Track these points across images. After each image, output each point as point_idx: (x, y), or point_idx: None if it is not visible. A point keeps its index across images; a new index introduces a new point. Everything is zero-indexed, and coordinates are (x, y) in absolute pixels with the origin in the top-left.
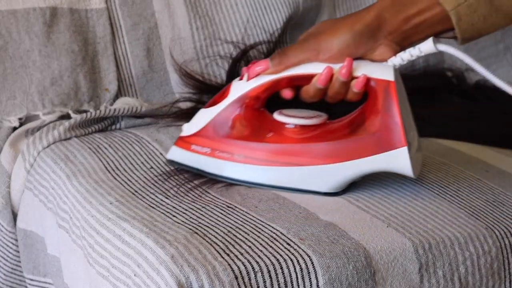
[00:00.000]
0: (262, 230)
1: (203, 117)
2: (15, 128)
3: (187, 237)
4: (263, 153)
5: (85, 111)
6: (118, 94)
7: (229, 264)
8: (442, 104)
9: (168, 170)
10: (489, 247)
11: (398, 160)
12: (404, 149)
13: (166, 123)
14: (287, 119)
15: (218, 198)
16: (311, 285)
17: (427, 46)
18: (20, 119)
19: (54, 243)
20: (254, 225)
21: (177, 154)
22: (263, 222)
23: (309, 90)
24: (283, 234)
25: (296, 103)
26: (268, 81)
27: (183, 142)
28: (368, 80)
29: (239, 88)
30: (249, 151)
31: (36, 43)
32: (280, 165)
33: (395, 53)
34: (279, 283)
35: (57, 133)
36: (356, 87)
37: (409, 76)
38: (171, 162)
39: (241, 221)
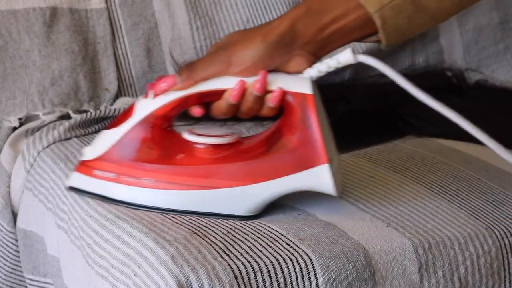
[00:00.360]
0: (261, 231)
1: (106, 139)
2: (15, 128)
3: (186, 237)
4: (173, 176)
5: (85, 111)
6: (118, 94)
7: (228, 264)
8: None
9: None
10: (489, 247)
11: (320, 178)
12: (326, 166)
13: None
14: (198, 138)
15: None
16: (310, 285)
17: (346, 57)
18: (20, 119)
19: (53, 243)
20: (253, 226)
21: (79, 181)
22: (262, 223)
23: (220, 106)
24: (282, 234)
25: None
26: (176, 99)
27: (85, 167)
28: (284, 93)
29: (144, 107)
30: (158, 175)
31: (36, 43)
32: (193, 188)
33: (311, 64)
34: (278, 283)
35: (57, 133)
36: (271, 101)
37: (409, 76)
38: (72, 189)
39: (240, 222)
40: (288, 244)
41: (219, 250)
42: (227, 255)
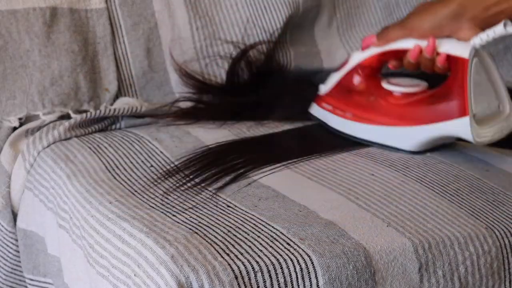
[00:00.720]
0: (262, 230)
1: (332, 80)
2: (15, 128)
3: (187, 237)
4: (366, 113)
5: (85, 111)
6: (118, 94)
7: (229, 264)
8: None
9: (168, 169)
10: (489, 247)
11: (461, 127)
12: (467, 118)
13: (166, 122)
14: (391, 87)
15: (219, 197)
16: (311, 285)
17: (499, 29)
18: (20, 119)
19: (54, 243)
20: (254, 224)
21: (314, 109)
22: (263, 221)
23: (405, 62)
24: (283, 233)
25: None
26: (375, 53)
27: (318, 99)
28: (448, 57)
29: (355, 57)
30: (356, 111)
31: (36, 43)
32: (377, 124)
33: (476, 34)
34: (279, 283)
35: (57, 133)
36: (438, 62)
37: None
38: (311, 115)
39: (241, 220)
40: (288, 244)
41: (219, 250)
42: (227, 255)
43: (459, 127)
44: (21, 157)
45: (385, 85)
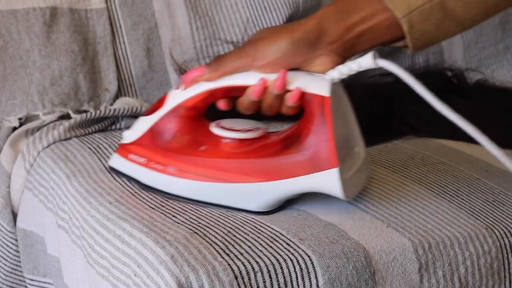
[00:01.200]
0: (262, 231)
1: (142, 125)
2: (15, 128)
3: (187, 237)
4: (195, 167)
5: (85, 111)
6: (118, 94)
7: (229, 264)
8: None
9: None
10: (489, 247)
11: (328, 181)
12: (335, 171)
13: None
14: (223, 132)
15: None
16: (311, 285)
17: (366, 61)
18: (20, 119)
19: (54, 243)
20: (253, 225)
21: (117, 162)
22: (263, 223)
23: (243, 102)
24: (282, 234)
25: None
26: (204, 91)
27: (123, 149)
28: (302, 94)
29: (175, 97)
30: (181, 164)
31: (36, 43)
32: (211, 180)
33: (336, 65)
34: (279, 283)
35: (57, 133)
36: (289, 100)
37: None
38: (112, 169)
39: (240, 221)
40: (288, 244)
41: (219, 250)
42: (227, 255)
43: (324, 181)
44: (21, 157)
45: (215, 130)
